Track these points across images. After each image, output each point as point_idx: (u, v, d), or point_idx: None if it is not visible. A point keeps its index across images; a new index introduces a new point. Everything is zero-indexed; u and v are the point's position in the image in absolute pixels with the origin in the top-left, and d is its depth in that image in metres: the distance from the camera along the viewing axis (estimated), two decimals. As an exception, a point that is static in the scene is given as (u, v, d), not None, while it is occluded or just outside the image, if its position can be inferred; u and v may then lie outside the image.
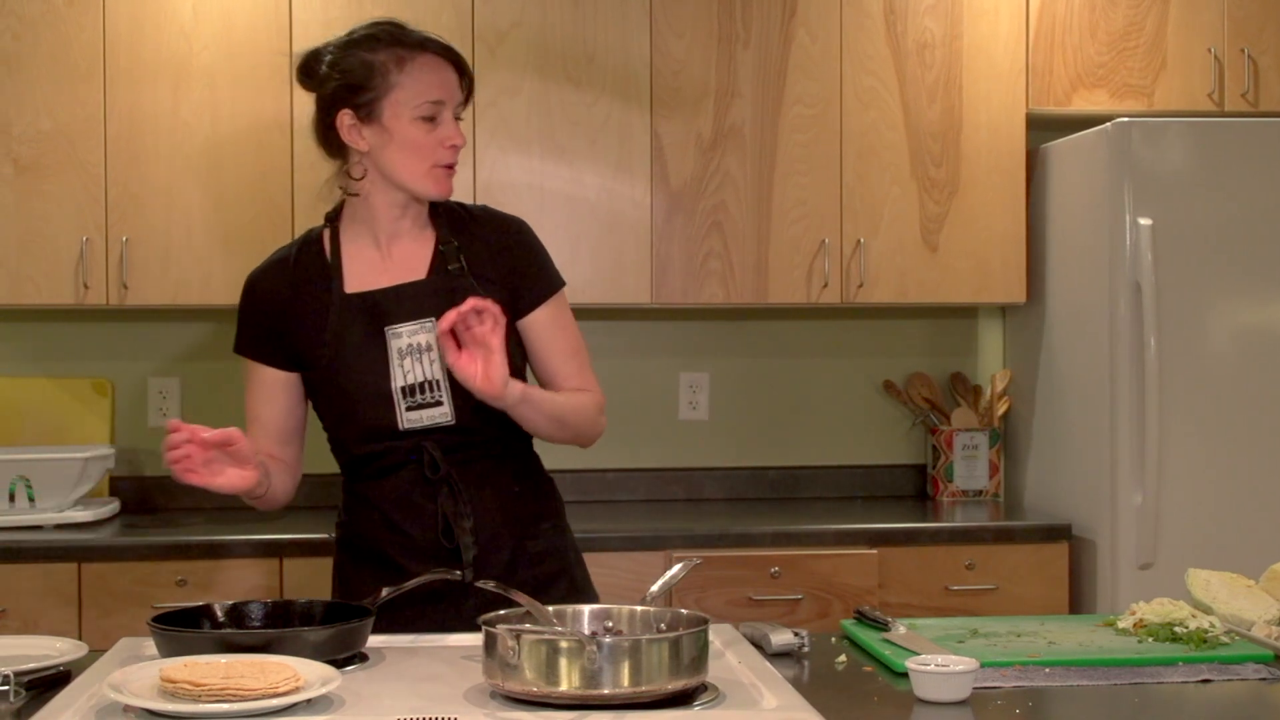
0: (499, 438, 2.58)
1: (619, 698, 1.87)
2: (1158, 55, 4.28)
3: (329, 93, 2.57)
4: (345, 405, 2.56)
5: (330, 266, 2.59)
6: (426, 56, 2.56)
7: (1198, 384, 3.90)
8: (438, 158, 2.54)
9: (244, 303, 2.66)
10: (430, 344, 2.51)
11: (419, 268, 2.58)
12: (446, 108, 2.55)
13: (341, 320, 2.55)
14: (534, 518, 2.64)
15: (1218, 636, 2.26)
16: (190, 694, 1.84)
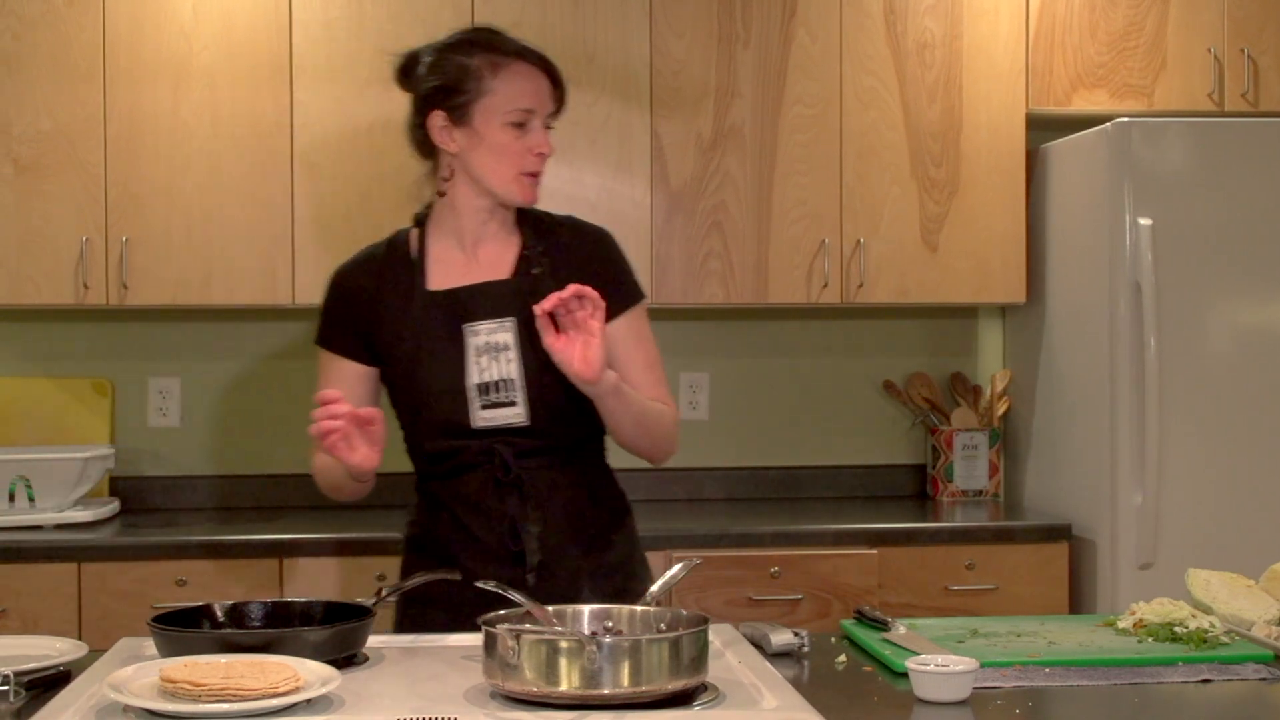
0: (572, 444, 2.58)
1: (619, 698, 1.87)
2: (1158, 55, 4.28)
3: (423, 93, 2.61)
4: (420, 401, 2.57)
5: (415, 264, 2.62)
6: (521, 64, 2.59)
7: (1198, 384, 3.90)
8: (524, 165, 2.57)
9: (329, 296, 2.70)
10: (508, 343, 2.53)
11: (502, 269, 2.61)
12: (536, 116, 2.58)
13: (422, 316, 2.57)
14: (603, 529, 2.64)
15: (1218, 636, 2.26)
16: (190, 694, 1.84)
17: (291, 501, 4.41)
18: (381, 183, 4.07)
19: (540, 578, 2.51)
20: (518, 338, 2.52)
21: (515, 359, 2.52)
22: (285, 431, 4.44)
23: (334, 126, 4.07)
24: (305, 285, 4.05)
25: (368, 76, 4.07)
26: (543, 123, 2.59)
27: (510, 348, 2.53)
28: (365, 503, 4.44)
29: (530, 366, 2.51)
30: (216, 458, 4.42)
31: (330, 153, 4.06)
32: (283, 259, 4.05)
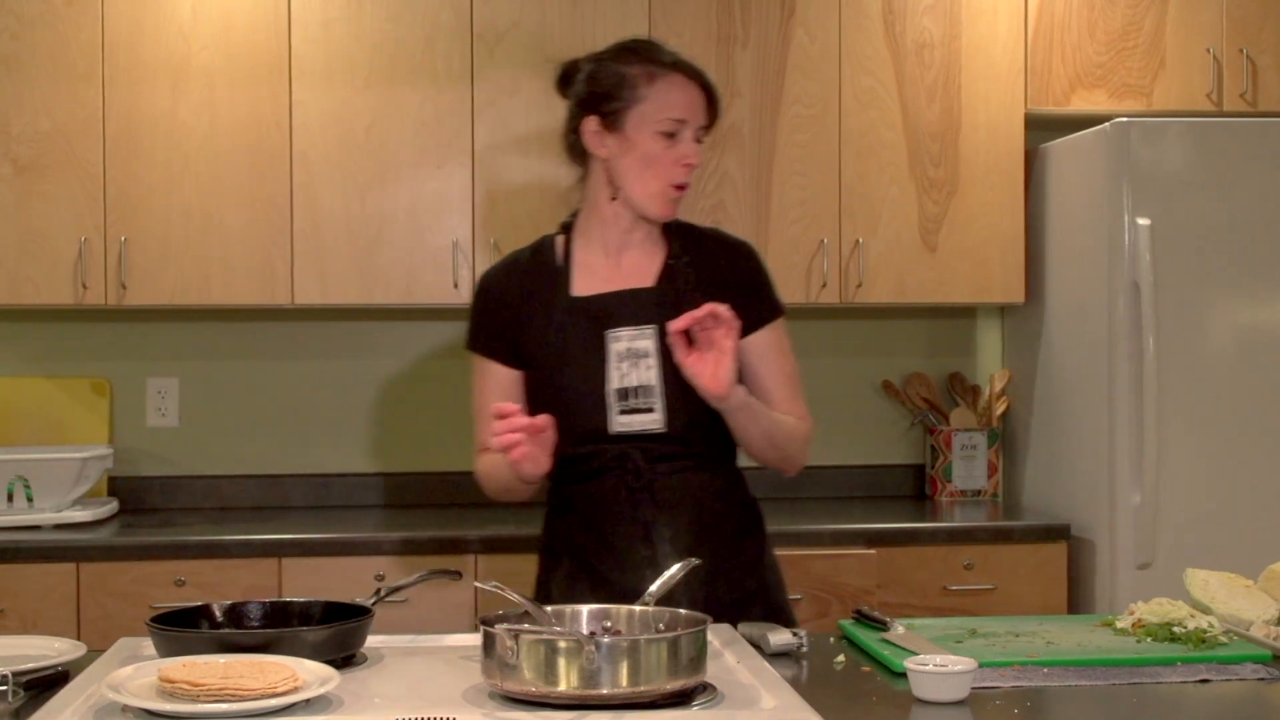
0: (706, 452, 2.59)
1: (617, 698, 1.87)
2: (1156, 55, 4.29)
3: (580, 99, 2.64)
4: (560, 405, 2.57)
5: (560, 270, 2.65)
6: (676, 76, 2.60)
7: (1196, 384, 3.90)
8: (671, 175, 2.59)
9: (477, 301, 2.73)
10: (649, 350, 2.56)
11: (647, 277, 2.63)
12: (688, 127, 2.59)
13: (565, 321, 2.60)
14: (734, 537, 2.64)
15: (1216, 636, 2.26)
16: (189, 694, 1.84)
17: (290, 501, 4.41)
18: (380, 183, 4.07)
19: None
20: (659, 345, 2.55)
21: (655, 366, 2.55)
22: (284, 432, 4.44)
23: (333, 127, 4.07)
24: (304, 285, 4.05)
25: (366, 77, 4.07)
26: (693, 135, 2.60)
27: (651, 355, 2.56)
28: (363, 504, 4.47)
29: (669, 374, 2.53)
30: (215, 458, 4.42)
31: (329, 153, 4.06)
32: (281, 259, 4.05)
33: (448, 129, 4.10)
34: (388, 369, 4.47)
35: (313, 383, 4.46)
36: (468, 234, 4.10)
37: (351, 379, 4.46)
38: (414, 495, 4.44)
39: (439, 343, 4.48)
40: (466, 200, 4.10)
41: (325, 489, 4.44)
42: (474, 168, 4.10)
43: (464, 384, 4.46)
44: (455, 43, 4.10)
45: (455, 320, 4.46)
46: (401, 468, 4.47)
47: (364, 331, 4.46)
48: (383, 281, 4.08)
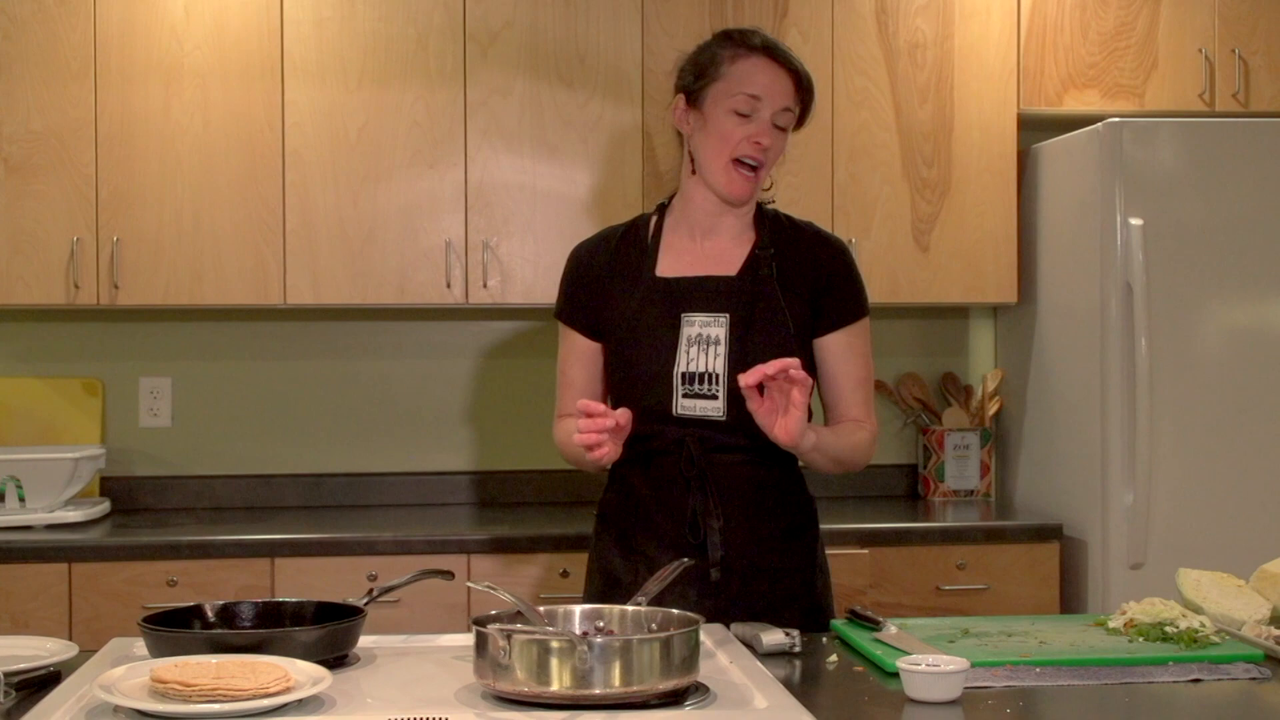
0: (766, 446, 2.58)
1: (610, 698, 1.87)
2: (1149, 55, 4.29)
3: (677, 84, 2.70)
4: (630, 382, 2.61)
5: (648, 249, 2.68)
6: (760, 58, 2.63)
7: (1189, 384, 3.90)
8: (740, 150, 2.60)
9: (567, 271, 2.77)
10: (719, 338, 2.58)
11: (731, 265, 2.65)
12: (765, 107, 2.60)
13: (645, 300, 2.63)
14: (784, 533, 2.65)
15: (1208, 636, 2.27)
16: (181, 694, 1.84)
17: (282, 501, 4.41)
18: (373, 183, 4.07)
19: (722, 570, 2.55)
20: (729, 334, 2.57)
21: (723, 354, 2.57)
22: (277, 432, 4.43)
23: (325, 126, 4.06)
24: (296, 285, 4.05)
25: (359, 76, 4.07)
26: (772, 118, 2.61)
27: (721, 343, 2.58)
28: (355, 503, 4.47)
29: (736, 364, 2.54)
30: (207, 458, 4.41)
31: (322, 153, 4.06)
32: (274, 259, 4.05)
33: (440, 129, 4.10)
34: (380, 369, 4.47)
35: (305, 383, 4.46)
36: (460, 234, 4.10)
37: (344, 379, 4.46)
38: (406, 495, 4.44)
39: (431, 342, 4.48)
40: (459, 200, 4.10)
41: (317, 489, 4.43)
42: (466, 168, 4.10)
43: (458, 383, 4.48)
44: (448, 42, 4.10)
45: (448, 320, 4.47)
46: (394, 468, 4.47)
47: (357, 331, 4.46)
48: (375, 281, 4.08)
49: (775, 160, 2.67)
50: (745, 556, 2.58)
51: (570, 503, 4.44)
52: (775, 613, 2.52)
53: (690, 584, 2.54)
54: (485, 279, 4.10)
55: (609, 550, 2.69)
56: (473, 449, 4.49)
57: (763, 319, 2.59)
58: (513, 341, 4.51)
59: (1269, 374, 3.94)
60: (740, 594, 2.55)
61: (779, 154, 2.67)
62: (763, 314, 2.60)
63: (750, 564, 2.58)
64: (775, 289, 2.61)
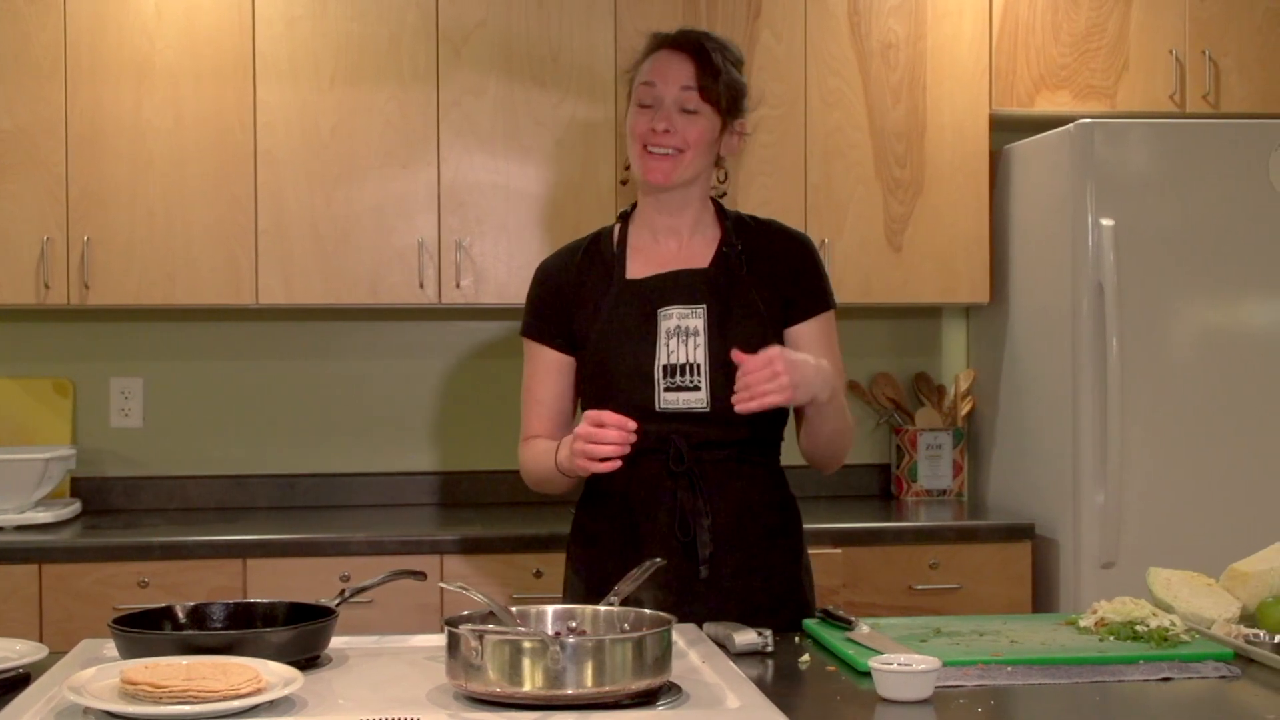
0: (749, 440, 2.60)
1: (583, 698, 1.87)
2: (1120, 57, 4.31)
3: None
4: (608, 382, 2.60)
5: (615, 256, 2.68)
6: (665, 50, 2.65)
7: (1159, 384, 3.92)
8: (646, 139, 2.60)
9: (533, 288, 2.77)
10: (698, 329, 2.58)
11: (701, 260, 2.66)
12: (664, 92, 2.60)
13: (618, 302, 2.63)
14: (771, 532, 2.64)
15: (1179, 635, 2.27)
16: (151, 696, 1.83)
17: (255, 502, 4.39)
18: (346, 182, 4.06)
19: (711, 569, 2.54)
20: (708, 325, 2.57)
21: (703, 345, 2.57)
22: (249, 432, 4.42)
23: (297, 126, 4.05)
24: (268, 285, 4.03)
25: (331, 75, 4.06)
26: (675, 103, 2.60)
27: (700, 334, 2.58)
28: (328, 504, 4.46)
29: (717, 355, 2.55)
30: (179, 458, 4.40)
31: (294, 152, 4.05)
32: (246, 259, 4.03)
33: (413, 129, 4.09)
34: (353, 369, 4.46)
35: (277, 383, 4.44)
36: (434, 234, 4.09)
37: (316, 379, 4.45)
38: (379, 496, 4.43)
39: (405, 343, 4.47)
40: (432, 200, 4.09)
41: (290, 489, 4.42)
42: (440, 167, 4.09)
43: (431, 384, 4.47)
44: (421, 42, 4.10)
45: (421, 320, 4.46)
46: (366, 468, 4.46)
47: (329, 332, 4.45)
48: (348, 281, 4.07)
49: (700, 144, 2.60)
50: (734, 555, 2.57)
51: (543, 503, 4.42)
52: (765, 612, 2.51)
53: (678, 583, 2.54)
54: (458, 279, 4.09)
55: (590, 551, 2.67)
56: (445, 450, 4.49)
57: (738, 308, 2.60)
58: (486, 342, 4.51)
59: (1239, 374, 3.96)
60: (729, 593, 2.54)
61: (700, 137, 2.60)
62: (738, 304, 2.60)
63: (739, 562, 2.58)
64: (746, 279, 2.62)
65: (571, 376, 2.71)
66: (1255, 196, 3.96)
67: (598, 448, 2.39)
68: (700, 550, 2.55)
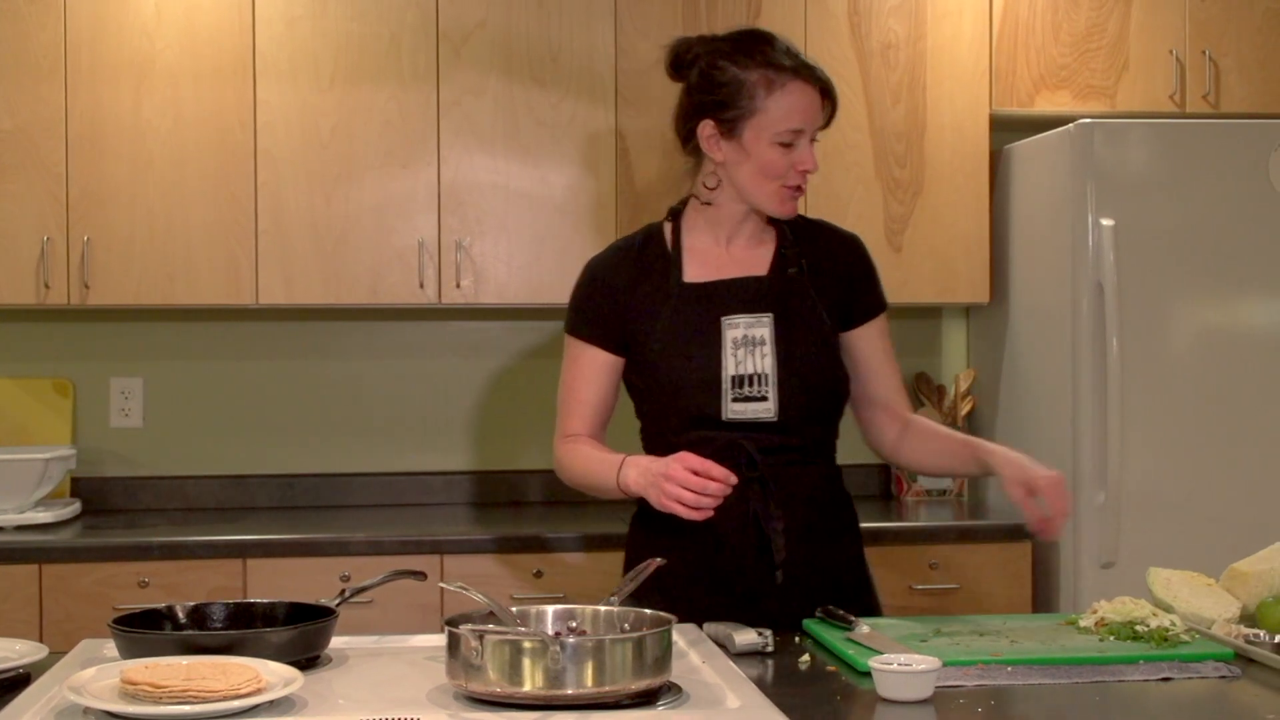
0: (813, 444, 2.60)
1: (583, 698, 1.87)
2: (1120, 57, 4.31)
3: (696, 102, 2.62)
4: (672, 391, 2.58)
5: (671, 257, 2.65)
6: (795, 83, 2.56)
7: (1159, 384, 3.92)
8: (787, 180, 2.58)
9: (583, 287, 2.71)
10: (765, 338, 2.56)
11: (759, 266, 2.64)
12: (805, 134, 2.58)
13: (678, 307, 2.59)
14: (837, 532, 2.65)
15: (1179, 635, 2.27)
16: (151, 696, 1.83)
17: (255, 502, 4.39)
18: (346, 182, 4.06)
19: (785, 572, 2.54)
20: (774, 334, 2.56)
21: (770, 354, 2.55)
22: (249, 432, 4.42)
23: (297, 126, 4.05)
24: (268, 285, 4.03)
25: (331, 76, 4.06)
26: (810, 137, 2.59)
27: (766, 343, 2.56)
28: (328, 504, 4.46)
29: (784, 363, 2.55)
30: (179, 458, 4.40)
31: (294, 152, 4.05)
32: (246, 259, 4.03)
33: (413, 129, 4.09)
34: (353, 369, 4.46)
35: (277, 383, 4.44)
36: (433, 234, 4.09)
37: (316, 379, 4.45)
38: (380, 495, 4.43)
39: (405, 343, 4.47)
40: (432, 200, 4.09)
41: (290, 489, 4.42)
42: (439, 167, 4.09)
43: (431, 384, 4.47)
44: (421, 42, 4.10)
45: (421, 320, 4.46)
46: (366, 468, 4.46)
47: (329, 332, 4.45)
48: (348, 281, 4.07)
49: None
50: (805, 556, 2.56)
51: (543, 503, 4.43)
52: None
53: (752, 587, 2.53)
54: (458, 279, 4.09)
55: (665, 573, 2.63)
56: (445, 449, 4.48)
57: (802, 316, 2.59)
58: (486, 342, 4.50)
59: (1239, 374, 3.96)
60: (803, 594, 2.52)
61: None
62: (800, 311, 2.60)
63: (810, 563, 2.57)
64: (807, 285, 2.62)
65: (617, 377, 2.68)
66: (1255, 196, 3.96)
67: (694, 496, 2.35)
68: (775, 554, 2.53)
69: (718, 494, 2.35)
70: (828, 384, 2.61)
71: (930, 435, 2.72)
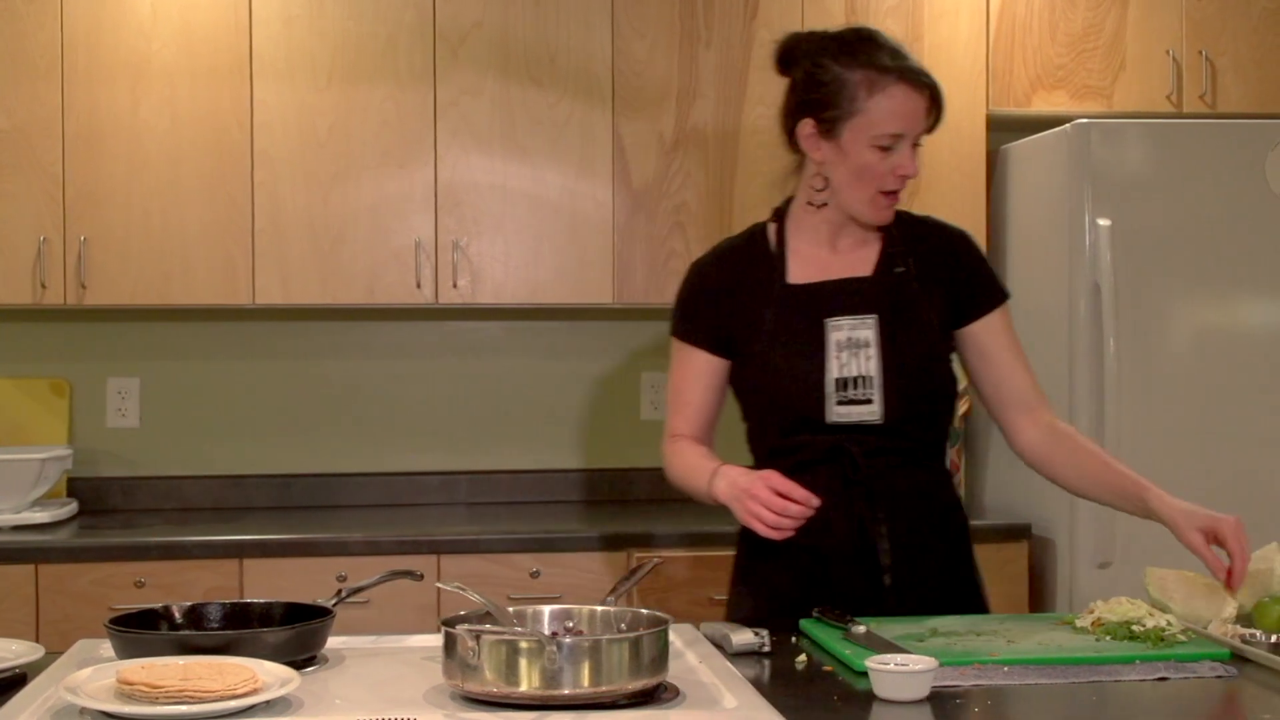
0: (919, 447, 2.57)
1: (579, 698, 1.87)
2: (1116, 57, 4.31)
3: (798, 99, 2.59)
4: (776, 393, 2.56)
5: (775, 257, 2.62)
6: (899, 86, 2.51)
7: (1156, 383, 3.92)
8: (884, 184, 2.53)
9: (688, 289, 2.70)
10: (869, 340, 2.52)
11: (864, 266, 2.60)
12: (906, 139, 2.52)
13: (782, 309, 2.57)
14: (945, 535, 2.61)
15: (1175, 635, 2.28)
16: (148, 696, 1.83)
17: (251, 502, 4.39)
18: (343, 182, 4.06)
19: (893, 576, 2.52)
20: (879, 336, 2.52)
21: (875, 357, 2.52)
22: (245, 432, 4.42)
23: (294, 125, 4.05)
24: (265, 285, 4.03)
25: (328, 75, 4.06)
26: (912, 142, 2.53)
27: (871, 345, 2.52)
28: (325, 504, 4.46)
29: (889, 366, 2.51)
30: (176, 458, 4.40)
31: (291, 152, 4.04)
32: (243, 259, 4.03)
33: (410, 128, 4.09)
34: (350, 369, 4.46)
35: (274, 383, 4.44)
36: (430, 234, 4.09)
37: (313, 379, 4.45)
38: (376, 495, 4.43)
39: (401, 343, 4.47)
40: (429, 200, 4.09)
41: (287, 489, 4.42)
42: (436, 167, 4.09)
43: (427, 384, 4.47)
44: (418, 42, 4.09)
45: (418, 320, 4.46)
46: (363, 468, 4.46)
47: (326, 332, 4.45)
48: (345, 281, 4.07)
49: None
50: (912, 560, 2.53)
51: (541, 502, 4.43)
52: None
53: (859, 592, 2.51)
54: (455, 279, 4.09)
55: (765, 564, 2.62)
56: (442, 450, 4.48)
57: (908, 317, 2.55)
58: (483, 342, 4.50)
59: (1236, 374, 3.96)
60: (911, 599, 2.51)
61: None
62: (906, 311, 2.55)
63: (917, 568, 2.54)
64: (913, 285, 2.57)
65: (722, 379, 2.66)
66: (1252, 197, 3.96)
67: (774, 517, 2.35)
68: (881, 559, 2.51)
69: (798, 516, 2.35)
70: (934, 386, 2.57)
71: (1086, 456, 2.63)
